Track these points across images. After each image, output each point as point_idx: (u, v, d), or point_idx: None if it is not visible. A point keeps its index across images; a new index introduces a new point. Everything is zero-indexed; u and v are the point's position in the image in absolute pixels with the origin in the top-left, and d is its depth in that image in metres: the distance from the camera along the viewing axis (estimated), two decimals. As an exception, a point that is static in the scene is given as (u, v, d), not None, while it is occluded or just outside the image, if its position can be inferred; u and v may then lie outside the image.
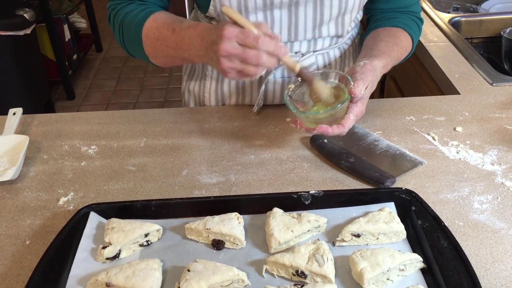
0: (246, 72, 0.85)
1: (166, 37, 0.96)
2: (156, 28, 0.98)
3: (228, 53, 0.82)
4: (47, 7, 3.11)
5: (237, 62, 0.83)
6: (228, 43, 0.82)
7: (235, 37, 0.82)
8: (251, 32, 0.82)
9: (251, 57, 0.82)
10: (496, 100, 1.21)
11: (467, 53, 1.43)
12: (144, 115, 1.19)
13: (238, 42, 0.82)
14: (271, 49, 0.83)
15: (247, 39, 0.82)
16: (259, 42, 0.81)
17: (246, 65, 0.83)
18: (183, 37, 0.93)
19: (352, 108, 0.93)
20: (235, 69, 0.84)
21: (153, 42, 0.99)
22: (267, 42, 0.82)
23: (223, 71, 0.85)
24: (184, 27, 0.94)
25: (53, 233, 0.85)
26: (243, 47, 0.82)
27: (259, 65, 0.84)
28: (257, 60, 0.83)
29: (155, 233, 0.83)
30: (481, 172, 0.98)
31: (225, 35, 0.82)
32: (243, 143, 1.08)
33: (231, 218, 0.83)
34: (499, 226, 0.85)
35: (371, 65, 0.96)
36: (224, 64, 0.84)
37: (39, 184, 0.99)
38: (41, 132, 1.14)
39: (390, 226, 0.81)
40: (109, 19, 1.09)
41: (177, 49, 0.95)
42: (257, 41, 0.81)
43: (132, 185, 0.98)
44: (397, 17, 1.13)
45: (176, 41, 0.95)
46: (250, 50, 0.82)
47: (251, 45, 0.82)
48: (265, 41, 0.82)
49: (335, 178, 0.98)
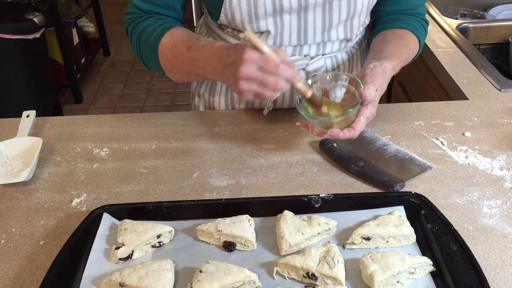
0: (263, 96, 0.88)
1: (182, 54, 0.98)
2: (173, 45, 1.00)
3: (248, 77, 0.85)
4: (56, 11, 3.14)
5: (255, 86, 0.86)
6: (248, 67, 0.85)
7: (255, 62, 0.85)
8: (271, 59, 0.85)
9: (270, 82, 0.86)
10: (505, 106, 1.21)
11: (475, 59, 1.44)
12: (155, 118, 1.21)
13: (258, 66, 0.85)
14: (289, 76, 0.87)
15: (267, 65, 0.85)
16: (279, 69, 0.85)
17: (264, 89, 0.87)
18: (199, 54, 0.95)
19: (363, 111, 0.94)
20: (253, 92, 0.87)
21: (169, 58, 1.02)
22: (285, 69, 0.86)
23: (241, 92, 0.88)
24: (200, 45, 0.96)
25: (66, 233, 0.87)
26: (262, 72, 0.85)
27: (277, 90, 0.87)
28: (275, 85, 0.86)
29: (167, 235, 0.84)
30: (490, 177, 0.98)
31: (247, 59, 0.84)
32: (253, 147, 1.09)
33: (242, 220, 0.84)
34: (508, 230, 0.86)
35: (381, 67, 0.97)
36: (243, 86, 0.86)
37: (53, 185, 1.00)
38: (53, 134, 1.16)
39: (400, 230, 0.82)
40: (126, 31, 1.12)
41: (193, 66, 0.98)
42: (277, 68, 0.85)
43: (143, 187, 0.99)
44: (403, 19, 1.14)
45: (192, 58, 0.97)
46: (270, 75, 0.85)
47: (271, 72, 0.85)
48: (284, 69, 0.86)
49: (345, 182, 0.99)
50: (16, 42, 2.73)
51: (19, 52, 2.77)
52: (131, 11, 1.10)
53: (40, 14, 2.85)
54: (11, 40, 2.70)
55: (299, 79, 0.90)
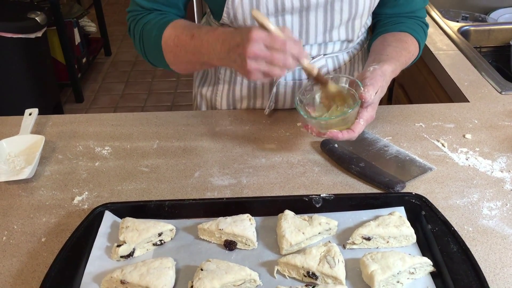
0: (272, 74, 0.87)
1: (185, 43, 0.98)
2: (175, 35, 1.00)
3: (256, 55, 0.85)
4: (58, 10, 3.15)
5: (263, 64, 0.86)
6: (256, 46, 0.84)
7: (262, 40, 0.84)
8: (278, 36, 0.85)
9: (278, 59, 0.85)
10: (505, 108, 1.22)
11: (476, 61, 1.45)
12: (157, 118, 1.21)
13: (266, 45, 0.85)
14: (295, 52, 0.86)
15: (275, 42, 0.85)
16: (286, 46, 0.85)
17: (272, 67, 0.86)
18: (202, 41, 0.95)
19: (362, 113, 0.94)
20: (261, 71, 0.87)
21: (172, 49, 1.01)
22: (293, 46, 0.85)
23: (248, 72, 0.87)
24: (203, 32, 0.96)
25: (68, 231, 0.87)
26: (270, 50, 0.85)
27: (285, 67, 0.87)
28: (284, 62, 0.86)
29: (168, 233, 0.85)
30: (490, 179, 0.99)
31: (253, 37, 0.84)
32: (254, 147, 1.10)
33: (243, 219, 0.85)
34: (508, 232, 0.86)
35: (381, 70, 0.97)
36: (251, 66, 0.86)
37: (54, 183, 1.00)
38: (56, 132, 1.16)
39: (401, 230, 0.82)
40: (129, 30, 1.12)
41: (197, 54, 0.98)
42: (284, 44, 0.85)
43: (145, 185, 0.99)
44: (404, 22, 1.15)
45: (195, 46, 0.97)
46: (277, 52, 0.85)
47: (278, 48, 0.85)
48: (292, 45, 0.85)
49: (345, 182, 0.99)
50: (17, 41, 2.73)
51: (20, 51, 2.77)
52: (133, 9, 1.10)
53: (42, 13, 2.86)
54: (13, 39, 2.71)
55: (306, 56, 0.89)
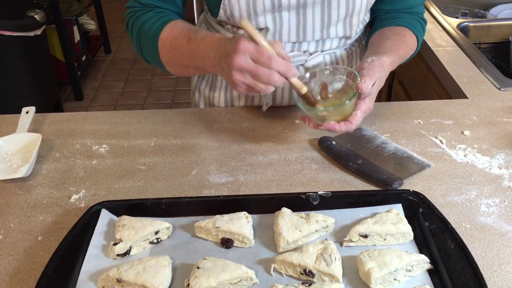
0: (256, 89, 0.86)
1: (181, 46, 0.98)
2: (172, 37, 1.00)
3: (241, 67, 0.84)
4: (57, 8, 3.14)
5: (249, 78, 0.85)
6: (242, 58, 0.83)
7: (249, 52, 0.83)
8: (265, 50, 0.84)
9: (263, 74, 0.84)
10: (504, 105, 1.21)
11: (475, 58, 1.44)
12: (154, 115, 1.21)
13: (252, 58, 0.84)
14: (282, 70, 0.85)
15: (261, 57, 0.83)
16: (272, 62, 0.83)
17: (257, 82, 0.85)
18: (198, 46, 0.95)
19: (360, 105, 0.94)
20: (246, 84, 0.86)
21: (169, 50, 1.01)
22: (279, 62, 0.84)
23: (234, 84, 0.87)
24: (199, 37, 0.96)
25: (64, 229, 0.87)
26: (256, 63, 0.84)
27: (270, 83, 0.85)
28: (268, 78, 0.84)
29: (165, 231, 0.85)
30: (489, 175, 0.98)
31: (240, 49, 0.83)
32: (252, 144, 1.09)
33: (240, 217, 0.84)
34: (506, 229, 0.86)
35: (379, 61, 0.97)
36: (236, 77, 0.85)
37: (51, 181, 1.00)
38: (53, 130, 1.16)
39: (398, 227, 0.82)
40: (127, 25, 1.12)
41: (191, 58, 0.97)
42: (270, 60, 0.83)
43: (142, 183, 0.99)
44: (402, 17, 1.15)
45: (190, 50, 0.96)
46: (263, 68, 0.83)
47: (263, 64, 0.83)
48: (278, 61, 0.84)
49: (343, 180, 0.99)
50: (17, 39, 2.73)
51: (19, 49, 2.77)
52: (132, 5, 1.10)
53: (41, 11, 2.85)
54: (12, 37, 2.70)
55: (294, 74, 0.88)
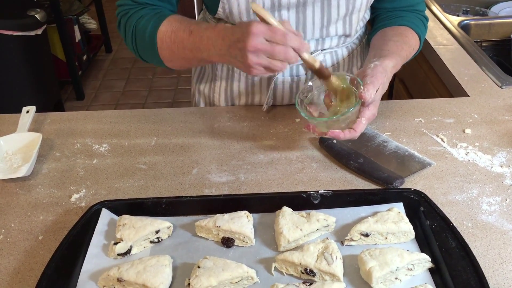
0: (273, 67, 0.87)
1: (183, 39, 0.97)
2: (172, 31, 0.99)
3: (256, 49, 0.84)
4: (58, 8, 3.14)
5: (264, 58, 0.85)
6: (256, 39, 0.84)
7: (262, 33, 0.84)
8: (278, 29, 0.84)
9: (279, 52, 0.85)
10: (506, 103, 1.21)
11: (477, 56, 1.44)
12: (155, 115, 1.21)
13: (266, 38, 0.84)
14: (296, 45, 0.85)
15: (276, 35, 0.84)
16: (287, 39, 0.84)
17: (273, 60, 0.86)
18: (202, 38, 0.94)
19: (364, 112, 0.93)
20: (262, 65, 0.86)
21: (169, 46, 1.00)
22: (293, 38, 0.85)
23: (250, 67, 0.87)
24: (202, 28, 0.95)
25: (65, 229, 0.87)
26: (271, 42, 0.84)
27: (286, 60, 0.86)
28: (285, 55, 0.85)
29: (165, 230, 0.84)
30: (490, 174, 0.98)
31: (253, 31, 0.84)
32: (252, 143, 1.09)
33: (241, 216, 0.84)
34: (508, 227, 0.86)
35: (381, 66, 0.96)
36: (252, 60, 0.85)
37: (52, 181, 1.00)
38: (53, 130, 1.16)
39: (399, 226, 0.81)
40: (119, 25, 1.10)
41: (195, 50, 0.97)
42: (285, 37, 0.84)
43: (143, 183, 0.99)
44: (403, 15, 1.14)
45: (194, 42, 0.96)
46: (278, 45, 0.84)
47: (279, 41, 0.84)
48: (292, 38, 0.85)
49: (344, 178, 0.98)
50: (17, 39, 2.72)
51: (20, 49, 2.77)
52: (124, 3, 1.08)
53: (42, 11, 2.85)
54: (13, 36, 2.70)
55: (307, 49, 0.88)
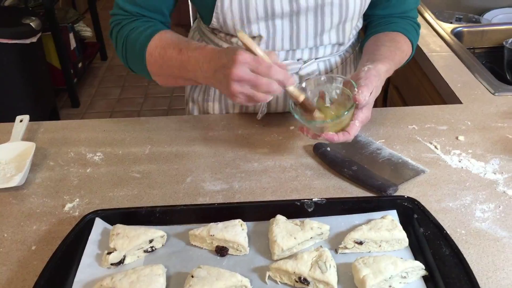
0: (255, 98, 0.87)
1: (171, 57, 0.98)
2: (162, 48, 0.99)
3: (240, 78, 0.84)
4: (53, 16, 3.14)
5: (247, 88, 0.85)
6: (241, 68, 0.84)
7: (247, 63, 0.84)
8: (264, 60, 0.84)
9: (262, 84, 0.85)
10: (498, 110, 1.21)
11: (469, 63, 1.45)
12: (149, 123, 1.21)
13: (251, 68, 0.84)
14: (281, 78, 0.86)
15: (260, 66, 0.84)
16: (271, 71, 0.84)
17: (256, 91, 0.86)
18: (189, 58, 0.94)
19: (358, 115, 0.94)
20: (245, 94, 0.86)
21: (157, 61, 1.00)
22: (278, 71, 0.85)
23: (232, 95, 0.87)
24: (191, 48, 0.95)
25: (58, 238, 0.86)
26: (255, 73, 0.84)
27: (269, 92, 0.86)
28: (268, 87, 0.85)
29: (159, 239, 0.84)
30: (483, 181, 0.98)
31: (239, 60, 0.84)
32: (246, 151, 1.09)
33: (235, 224, 0.84)
34: (501, 234, 0.86)
35: (375, 70, 0.97)
36: (235, 89, 0.85)
37: (45, 190, 1.00)
38: (47, 139, 1.16)
39: (393, 234, 0.81)
40: (111, 34, 1.10)
41: (182, 70, 0.97)
42: (269, 69, 0.84)
43: (136, 191, 0.99)
44: (396, 22, 1.15)
45: (181, 61, 0.96)
46: (262, 77, 0.84)
47: (263, 73, 0.84)
48: (277, 70, 0.85)
49: (338, 186, 0.99)
50: (12, 47, 2.72)
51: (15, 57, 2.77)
52: (117, 13, 1.08)
53: (37, 19, 2.85)
54: (8, 44, 2.70)
55: (292, 82, 0.89)
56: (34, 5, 3.25)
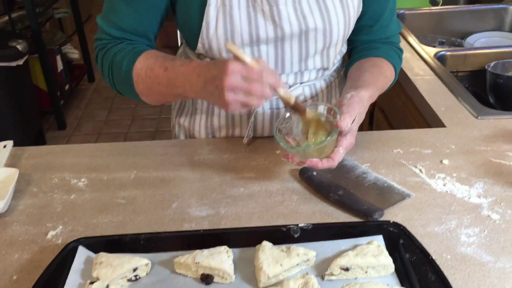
0: (250, 104, 0.88)
1: (158, 75, 0.98)
2: (148, 67, 1.00)
3: (234, 86, 0.86)
4: (40, 38, 3.14)
5: (241, 95, 0.87)
6: (233, 77, 0.85)
7: (239, 71, 0.86)
8: (254, 67, 0.86)
9: (255, 89, 0.87)
10: (481, 133, 1.23)
11: (453, 86, 1.47)
12: (135, 147, 1.20)
13: (242, 76, 0.86)
14: (272, 82, 0.88)
15: (252, 73, 0.86)
16: (263, 76, 0.86)
17: (250, 97, 0.87)
18: (177, 75, 0.95)
19: (342, 141, 0.95)
20: (239, 101, 0.88)
21: (144, 81, 1.01)
22: (269, 75, 0.87)
23: (227, 104, 0.88)
24: (176, 64, 0.96)
25: (40, 268, 0.84)
26: (247, 80, 0.86)
27: (263, 97, 0.88)
28: (261, 92, 0.87)
29: (143, 268, 0.83)
30: (468, 205, 0.99)
31: (230, 69, 0.85)
32: (233, 176, 1.09)
33: (220, 251, 0.83)
34: (486, 259, 0.86)
35: (358, 96, 0.98)
36: (229, 97, 0.87)
37: (28, 217, 0.98)
38: (31, 164, 1.14)
39: (379, 260, 0.81)
40: (96, 59, 1.10)
41: (170, 86, 0.98)
42: (261, 75, 0.86)
43: (121, 218, 0.98)
44: (379, 47, 1.17)
45: (169, 79, 0.97)
46: (255, 83, 0.86)
47: (255, 79, 0.86)
48: (268, 75, 0.87)
49: (324, 211, 0.98)
50: (-2, 69, 2.72)
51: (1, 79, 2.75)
52: (101, 37, 1.08)
53: (23, 41, 2.85)
54: (-7, 67, 2.69)
55: (283, 85, 0.91)
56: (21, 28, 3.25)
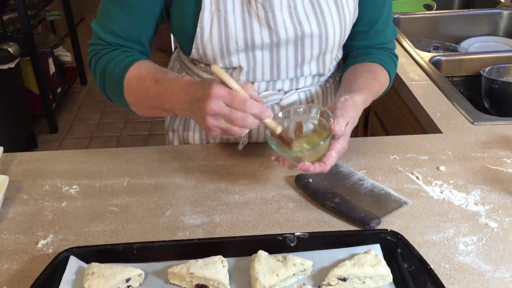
0: (231, 132, 0.86)
1: (148, 88, 0.97)
2: (139, 78, 0.98)
3: (215, 112, 0.84)
4: (32, 41, 3.11)
5: (223, 122, 0.85)
6: (215, 102, 0.83)
7: (222, 97, 0.83)
8: (238, 95, 0.84)
9: (237, 118, 0.84)
10: (478, 140, 1.22)
11: (448, 91, 1.46)
12: (128, 153, 1.18)
13: (225, 102, 0.83)
14: (256, 112, 0.85)
15: (235, 101, 0.83)
16: (246, 105, 0.83)
17: (231, 125, 0.85)
18: (166, 89, 0.93)
19: (334, 145, 0.93)
20: (220, 128, 0.86)
21: (134, 91, 0.99)
22: (253, 105, 0.84)
23: (208, 128, 0.86)
24: (167, 79, 0.94)
25: (31, 278, 0.83)
26: (230, 108, 0.83)
27: (244, 126, 0.85)
28: (243, 122, 0.84)
29: (136, 278, 0.81)
30: (465, 212, 0.98)
31: (213, 94, 0.83)
32: (227, 182, 1.07)
33: (215, 261, 0.82)
34: (485, 268, 0.85)
35: (351, 100, 0.97)
36: (210, 122, 0.85)
37: (18, 226, 0.96)
38: (21, 171, 1.12)
39: (376, 270, 0.80)
40: (89, 63, 1.09)
41: (159, 100, 0.96)
42: (244, 104, 0.83)
43: (114, 226, 0.96)
44: (374, 53, 1.16)
45: (158, 92, 0.95)
46: (237, 111, 0.83)
47: (238, 108, 0.83)
48: (252, 104, 0.84)
49: (320, 219, 0.97)
50: (-11, 72, 2.69)
51: (-8, 83, 2.73)
52: (95, 42, 1.07)
53: (15, 44, 2.82)
54: (-16, 70, 2.66)
55: (268, 115, 0.88)
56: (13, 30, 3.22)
